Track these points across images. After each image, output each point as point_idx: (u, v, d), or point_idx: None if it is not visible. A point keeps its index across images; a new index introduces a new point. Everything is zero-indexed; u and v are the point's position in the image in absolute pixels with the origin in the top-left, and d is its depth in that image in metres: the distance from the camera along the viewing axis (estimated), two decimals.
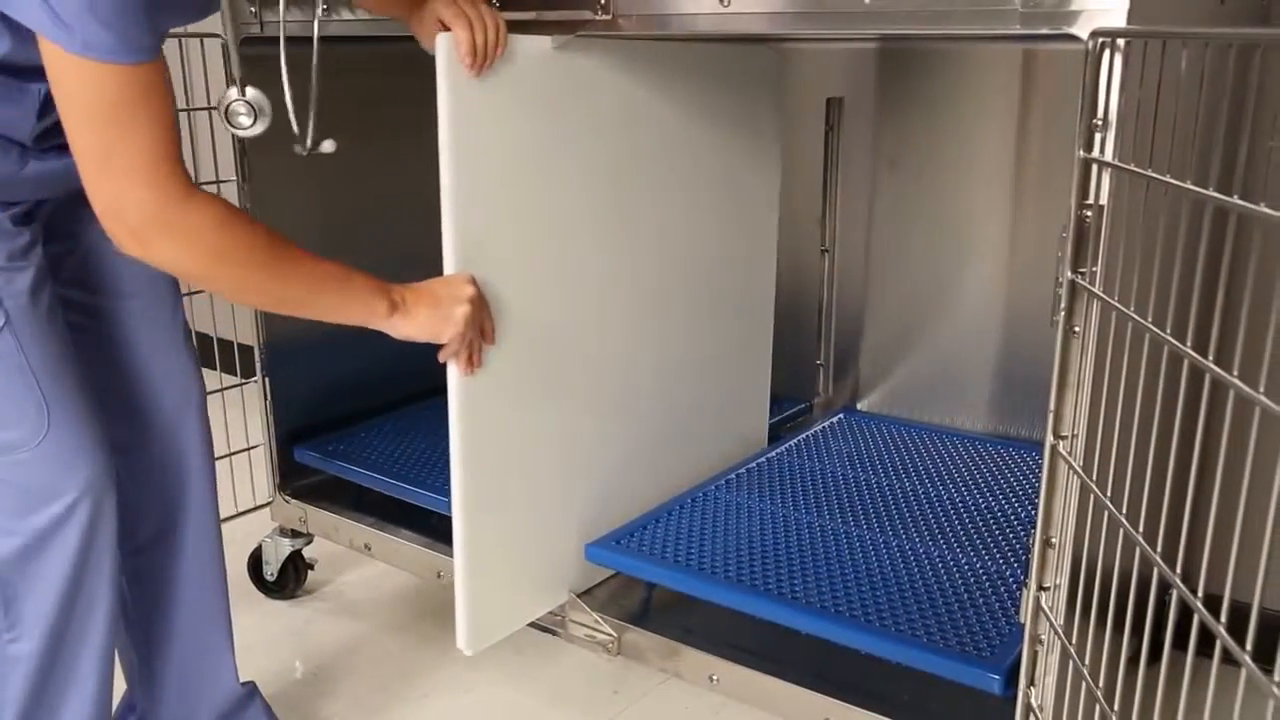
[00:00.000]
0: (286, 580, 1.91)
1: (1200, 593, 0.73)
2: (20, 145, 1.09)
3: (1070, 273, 0.95)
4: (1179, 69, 0.79)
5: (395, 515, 1.76)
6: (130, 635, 1.37)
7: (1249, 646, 0.65)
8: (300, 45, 1.50)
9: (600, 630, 1.46)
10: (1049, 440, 0.99)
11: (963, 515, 1.57)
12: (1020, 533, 1.51)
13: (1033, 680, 1.07)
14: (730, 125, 1.66)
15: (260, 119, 1.02)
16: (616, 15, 1.22)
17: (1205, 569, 0.73)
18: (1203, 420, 0.75)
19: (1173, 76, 0.81)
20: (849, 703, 1.26)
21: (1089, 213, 0.93)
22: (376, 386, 2.03)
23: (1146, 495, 0.90)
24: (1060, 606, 1.02)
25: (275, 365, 1.82)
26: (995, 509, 1.59)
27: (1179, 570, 0.78)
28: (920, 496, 1.64)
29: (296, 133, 1.13)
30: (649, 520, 1.56)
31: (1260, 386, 0.64)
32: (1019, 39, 1.71)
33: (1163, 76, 0.84)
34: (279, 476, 1.86)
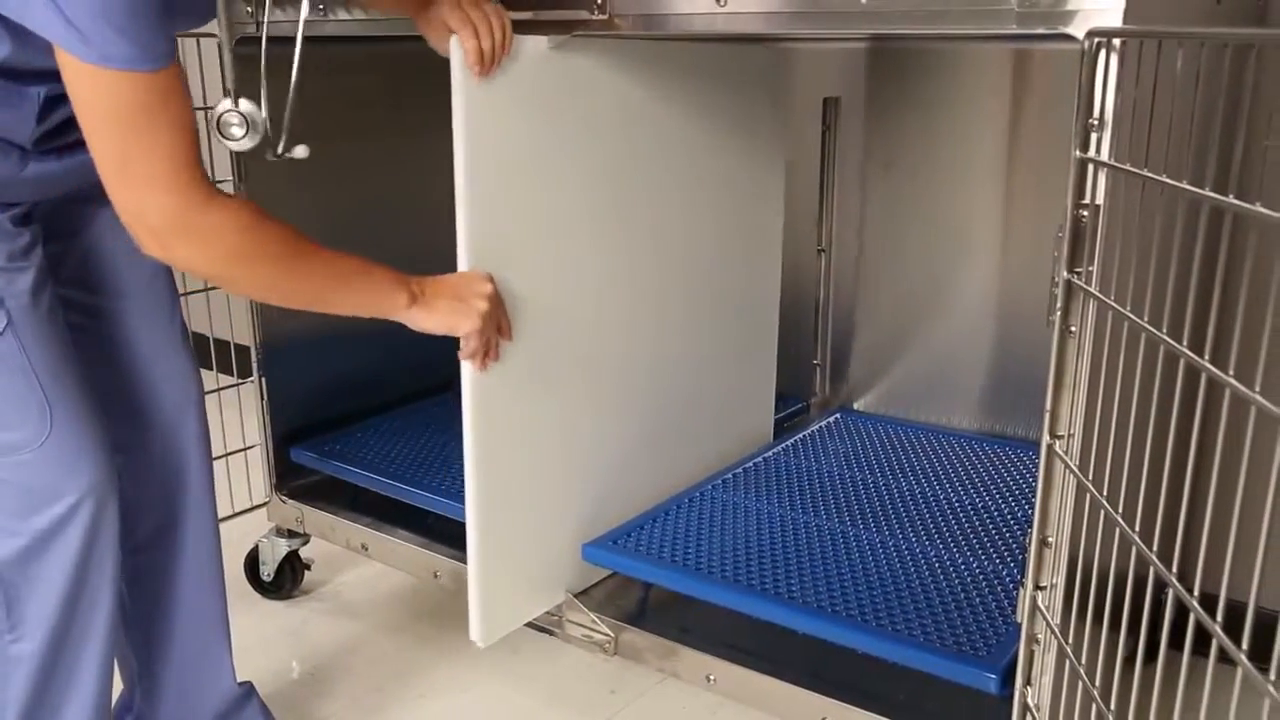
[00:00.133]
0: (283, 580, 1.91)
1: (1196, 592, 0.73)
2: (20, 148, 1.09)
3: (1066, 272, 0.95)
4: (1175, 69, 0.79)
5: (392, 515, 1.76)
6: (128, 635, 1.37)
7: (1245, 645, 0.65)
8: (292, 45, 1.50)
9: (597, 630, 1.46)
10: (1045, 440, 1.00)
11: (959, 515, 1.57)
12: (1017, 532, 1.51)
13: (1029, 680, 1.07)
14: (732, 125, 1.66)
15: (252, 132, 1.01)
16: (613, 15, 1.22)
17: (1201, 568, 0.74)
18: (1199, 420, 0.76)
19: (1169, 76, 0.82)
20: (846, 702, 1.26)
21: (1085, 212, 0.93)
22: (373, 386, 2.02)
23: (1143, 495, 0.90)
24: (1057, 606, 1.02)
25: (271, 365, 1.82)
26: (992, 508, 1.59)
27: (1175, 569, 0.78)
28: (917, 496, 1.64)
29: (270, 138, 1.13)
30: (646, 520, 1.56)
31: (1256, 386, 0.64)
32: (1015, 39, 1.71)
33: (1159, 76, 0.85)
34: (275, 477, 1.86)
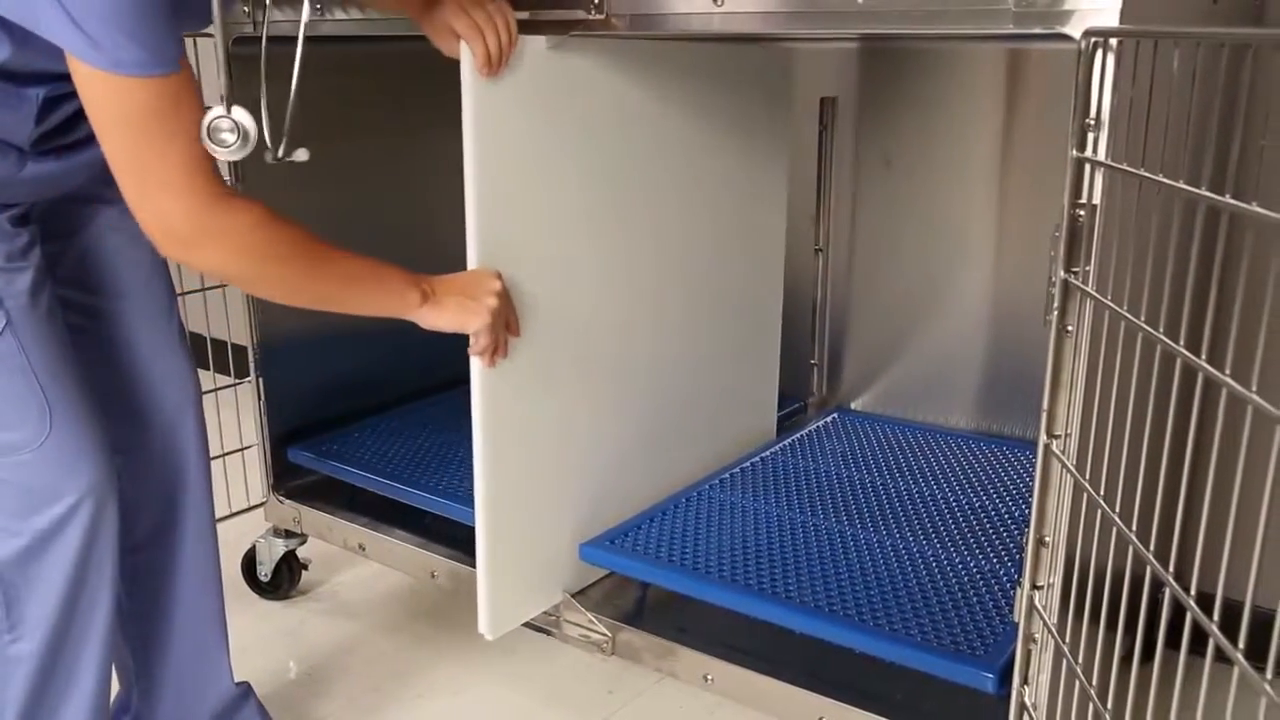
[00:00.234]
0: (280, 581, 1.91)
1: (1193, 591, 0.73)
2: (18, 149, 1.09)
3: (1063, 272, 0.95)
4: (1172, 69, 0.79)
5: (389, 515, 1.76)
6: (125, 635, 1.36)
7: (1241, 644, 0.65)
8: (290, 45, 1.50)
9: (595, 630, 1.46)
10: (1042, 439, 1.00)
11: (957, 514, 1.58)
12: (1014, 531, 1.51)
13: (1026, 679, 1.07)
14: (732, 125, 1.66)
15: (245, 142, 1.01)
16: (610, 15, 1.22)
17: (1198, 567, 0.74)
18: (1195, 419, 0.76)
19: (1165, 76, 0.82)
20: (843, 702, 1.27)
21: (1082, 212, 0.93)
22: (370, 386, 2.02)
23: (1140, 494, 0.90)
24: (1054, 605, 1.02)
25: (268, 365, 1.81)
26: (989, 508, 1.60)
27: (1172, 568, 0.78)
28: (914, 496, 1.64)
29: (269, 140, 1.11)
30: (643, 520, 1.56)
31: (1253, 385, 0.64)
32: (1012, 39, 1.71)
33: (1155, 76, 0.85)
34: (273, 477, 1.86)
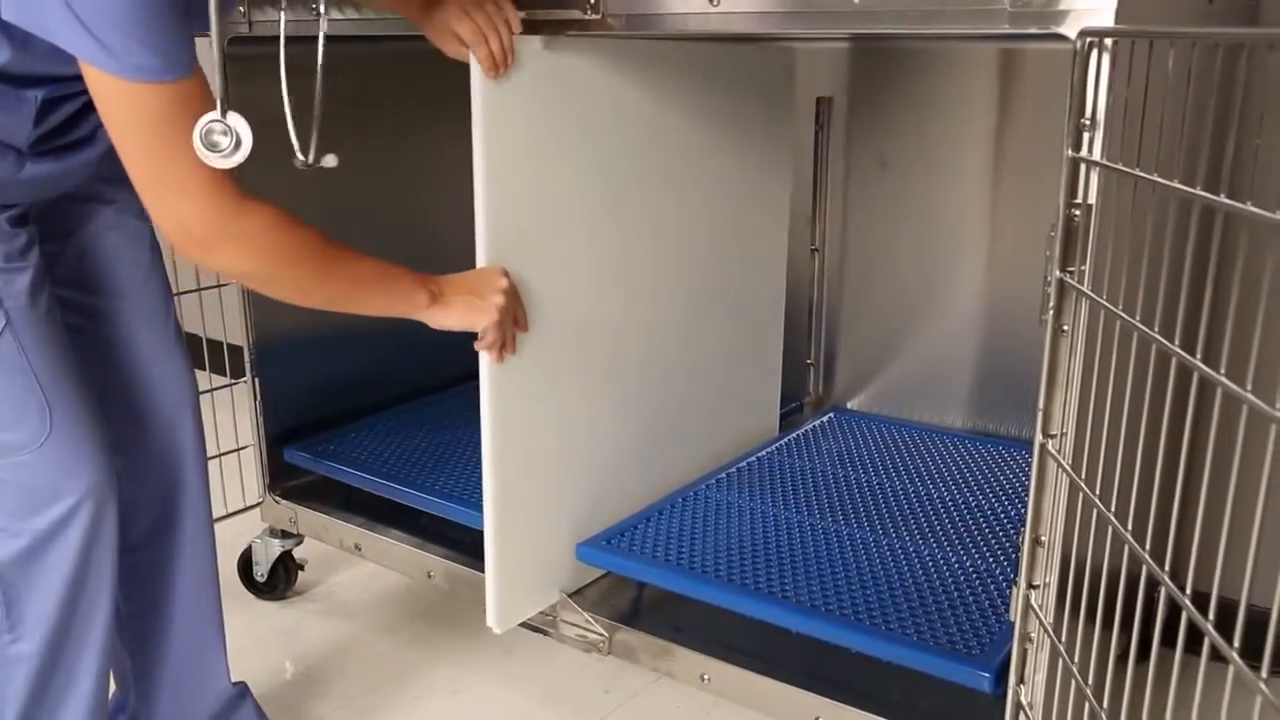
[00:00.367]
0: (277, 581, 1.91)
1: (1188, 590, 0.73)
2: (16, 150, 1.09)
3: (1059, 271, 0.95)
4: (1167, 68, 0.80)
5: (385, 515, 1.76)
6: (122, 635, 1.36)
7: (1236, 643, 0.65)
8: (291, 44, 1.49)
9: (591, 630, 1.46)
10: (1038, 439, 1.00)
11: (953, 514, 1.58)
12: (1010, 531, 1.51)
13: (1022, 678, 1.07)
14: (733, 124, 1.66)
15: (238, 148, 0.98)
16: (606, 15, 1.22)
17: (1193, 566, 0.74)
18: (1190, 418, 0.76)
19: (1160, 76, 0.82)
20: (840, 701, 1.27)
21: (1077, 212, 0.93)
22: (366, 386, 2.02)
23: (1135, 493, 0.90)
24: (1050, 604, 1.02)
25: (264, 365, 1.81)
26: (985, 507, 1.60)
27: (1167, 568, 0.78)
28: (911, 495, 1.65)
29: (297, 145, 1.11)
30: (640, 520, 1.56)
31: (1248, 384, 0.64)
32: (1008, 39, 1.71)
33: (1150, 76, 0.85)
34: (269, 477, 1.85)
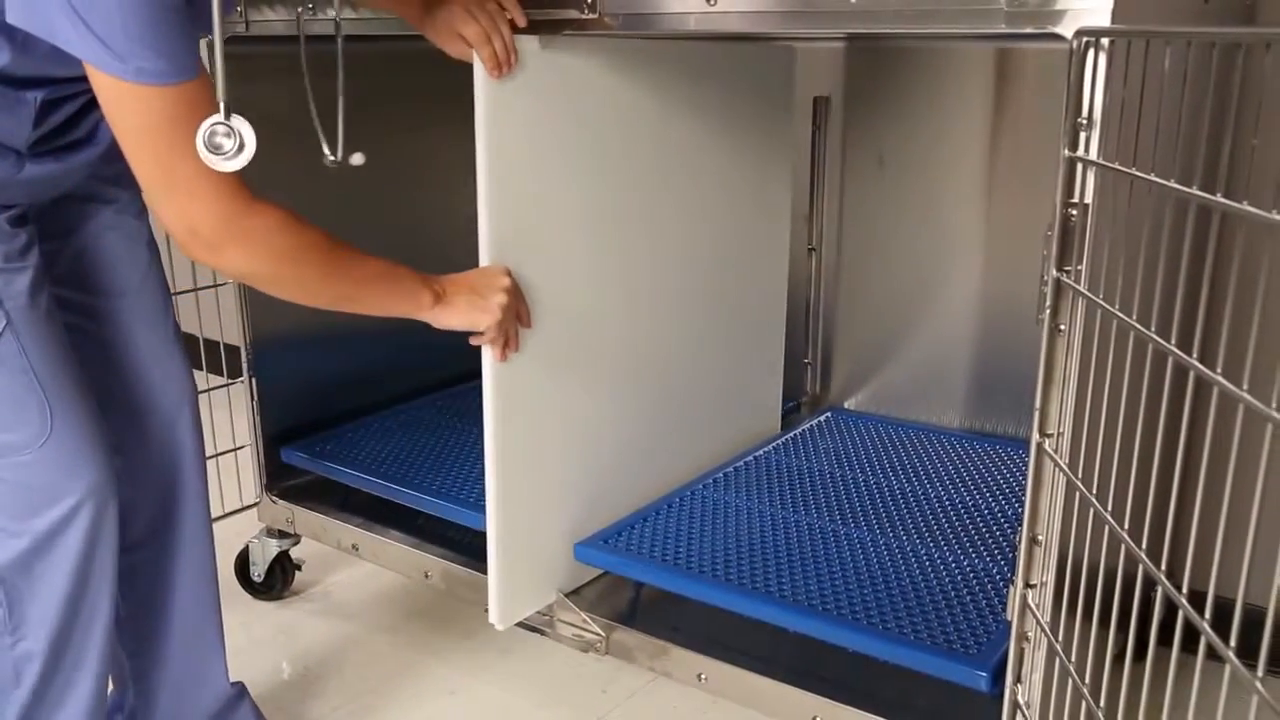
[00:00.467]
0: (274, 581, 1.91)
1: (1185, 589, 0.73)
2: (16, 151, 1.09)
3: (1055, 271, 0.95)
4: (1163, 68, 0.80)
5: (383, 515, 1.76)
6: (120, 635, 1.36)
7: (1233, 642, 0.65)
8: (284, 44, 1.49)
9: (588, 630, 1.45)
10: (1035, 438, 1.00)
11: (950, 513, 1.58)
12: (1007, 530, 1.51)
13: (1019, 677, 1.07)
14: (734, 122, 1.66)
15: (242, 151, 0.97)
16: (603, 14, 1.22)
17: (1189, 565, 0.74)
18: (1187, 417, 0.76)
19: (1156, 75, 0.82)
20: (837, 701, 1.27)
21: (1074, 211, 0.93)
22: (363, 386, 2.02)
23: (1131, 492, 0.90)
24: (1046, 604, 1.02)
25: (261, 365, 1.81)
26: (982, 506, 1.60)
27: (1164, 567, 0.78)
28: (908, 494, 1.65)
29: (325, 144, 1.14)
30: (637, 519, 1.56)
31: (1244, 384, 0.64)
32: (1004, 38, 1.71)
33: (1147, 75, 0.85)
34: (266, 477, 1.85)
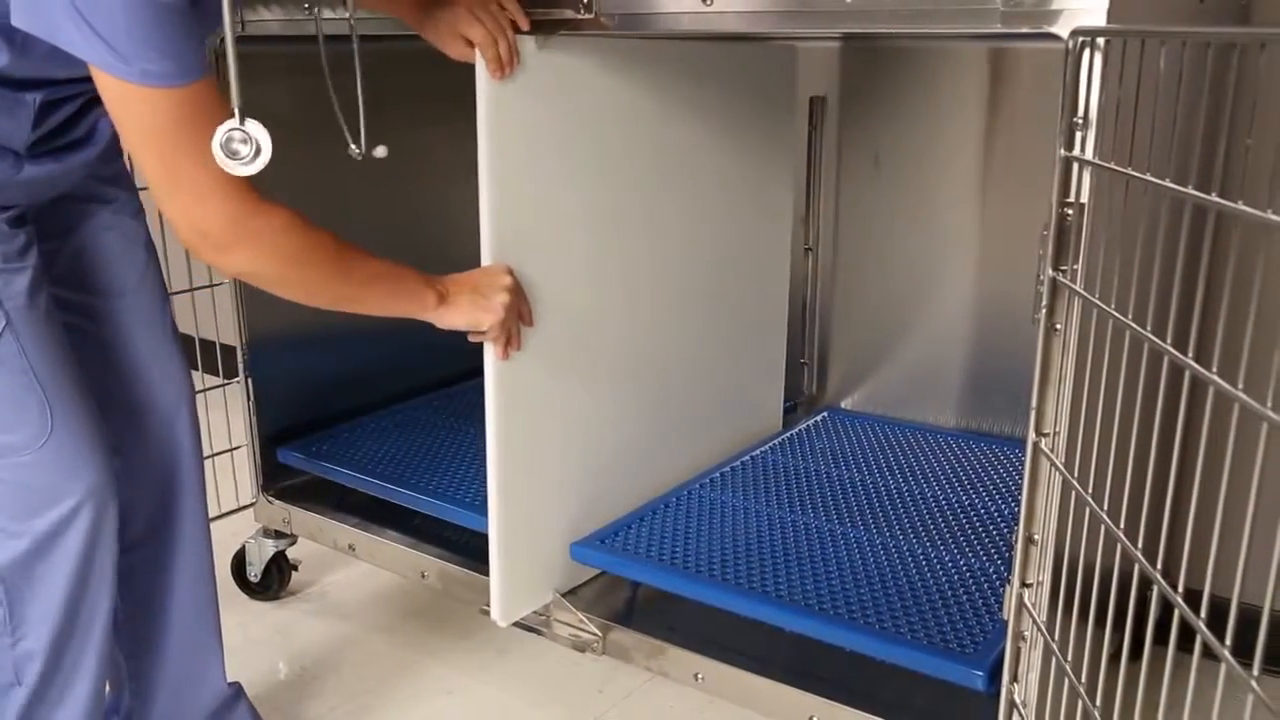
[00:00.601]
0: (270, 581, 1.91)
1: (1181, 588, 0.73)
2: (14, 152, 1.09)
3: (1051, 270, 0.95)
4: (1158, 68, 0.80)
5: (379, 515, 1.75)
6: (118, 635, 1.36)
7: (1228, 641, 0.65)
8: (280, 44, 1.49)
9: (585, 630, 1.45)
10: (1031, 437, 1.00)
11: (946, 512, 1.58)
12: (1003, 530, 1.52)
13: (1016, 676, 1.07)
14: (735, 123, 1.67)
15: (258, 155, 0.97)
16: (599, 14, 1.22)
17: (1185, 564, 0.74)
18: (1183, 417, 0.76)
19: (1152, 75, 0.82)
20: (834, 700, 1.27)
21: (1070, 211, 0.93)
22: (360, 386, 2.02)
23: (1127, 491, 0.90)
24: (1043, 603, 1.02)
25: (257, 365, 1.81)
26: (979, 506, 1.60)
27: (1160, 566, 0.78)
28: (905, 494, 1.65)
29: (349, 137, 1.17)
30: (634, 519, 1.56)
31: (1239, 383, 0.64)
32: (1000, 38, 1.71)
33: (1142, 75, 0.85)
34: (262, 477, 1.85)
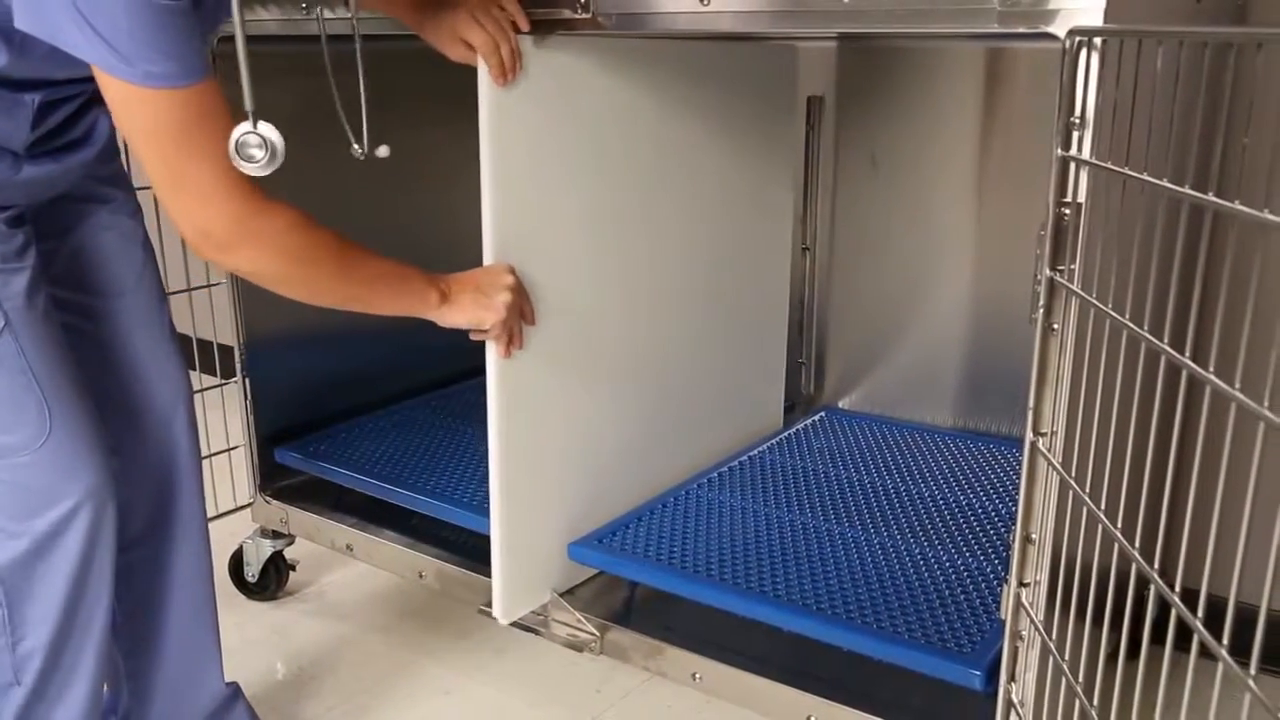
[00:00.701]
0: (268, 581, 1.90)
1: (1178, 588, 0.73)
2: (13, 153, 1.09)
3: (1049, 270, 0.95)
4: (1155, 67, 0.80)
5: (377, 515, 1.75)
6: (116, 635, 1.35)
7: (1225, 641, 0.65)
8: (278, 44, 1.49)
9: (583, 629, 1.45)
10: (1029, 437, 1.00)
11: (944, 512, 1.58)
12: (1001, 529, 1.52)
13: (1013, 676, 1.07)
14: (735, 123, 1.67)
15: (273, 158, 0.97)
16: (596, 14, 1.22)
17: (1183, 564, 0.74)
18: (1180, 416, 0.76)
19: (1149, 75, 0.82)
20: (831, 700, 1.27)
21: (1067, 210, 0.93)
22: (357, 386, 2.02)
23: (1125, 491, 0.90)
24: (1040, 602, 1.02)
25: (255, 365, 1.81)
26: (976, 505, 1.60)
27: (1157, 566, 0.78)
28: (902, 494, 1.65)
29: (352, 137, 1.17)
30: (631, 519, 1.56)
31: (1236, 383, 0.64)
32: (997, 38, 1.71)
33: (1139, 75, 0.85)
34: (260, 477, 1.85)
